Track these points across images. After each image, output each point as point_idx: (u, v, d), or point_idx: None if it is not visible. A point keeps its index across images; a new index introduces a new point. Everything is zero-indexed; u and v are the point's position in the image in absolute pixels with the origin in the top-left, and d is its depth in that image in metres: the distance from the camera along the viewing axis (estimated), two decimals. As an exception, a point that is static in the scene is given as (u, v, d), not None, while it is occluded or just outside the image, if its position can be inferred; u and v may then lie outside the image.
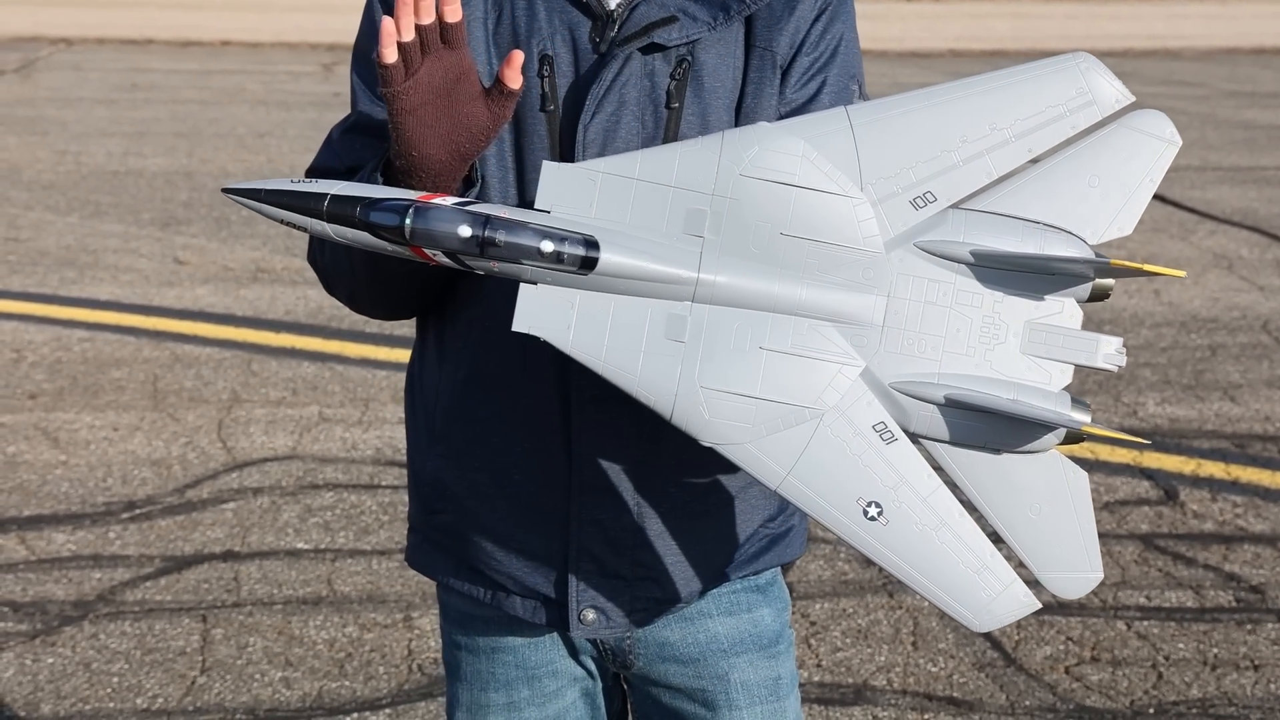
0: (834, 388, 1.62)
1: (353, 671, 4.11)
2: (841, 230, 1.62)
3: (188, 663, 4.13)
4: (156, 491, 5.28)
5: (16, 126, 12.50)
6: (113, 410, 6.06)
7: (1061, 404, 1.64)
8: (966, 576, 1.62)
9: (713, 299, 1.62)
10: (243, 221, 9.27)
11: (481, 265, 1.61)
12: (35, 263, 8.26)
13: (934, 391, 1.63)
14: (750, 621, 2.09)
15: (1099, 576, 1.70)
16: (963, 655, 4.25)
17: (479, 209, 1.60)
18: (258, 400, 6.21)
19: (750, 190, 1.61)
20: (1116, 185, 1.67)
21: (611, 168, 1.63)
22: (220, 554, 4.79)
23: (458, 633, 2.13)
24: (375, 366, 6.67)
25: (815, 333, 1.63)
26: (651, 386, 1.61)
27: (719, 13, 1.85)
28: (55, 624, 4.33)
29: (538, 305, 1.61)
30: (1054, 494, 1.69)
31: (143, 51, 17.86)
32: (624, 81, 1.84)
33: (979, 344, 1.65)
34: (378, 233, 1.61)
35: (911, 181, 1.64)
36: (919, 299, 1.64)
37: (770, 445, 1.62)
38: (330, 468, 5.51)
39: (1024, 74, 1.67)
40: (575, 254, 1.58)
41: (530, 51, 1.86)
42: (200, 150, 11.69)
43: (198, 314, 7.38)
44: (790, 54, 1.90)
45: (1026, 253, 1.62)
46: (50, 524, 5.00)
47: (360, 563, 4.76)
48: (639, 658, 2.07)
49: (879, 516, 1.61)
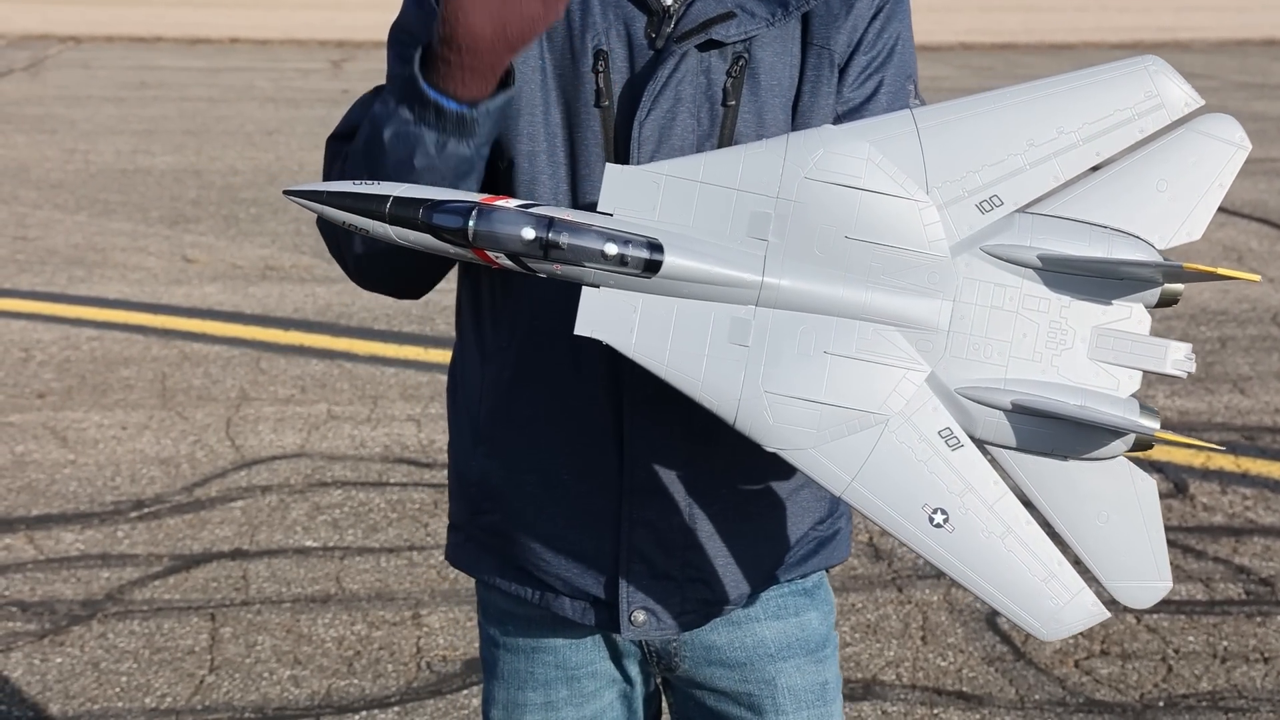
0: (899, 393, 1.60)
1: (361, 669, 4.11)
2: (907, 234, 1.61)
3: (196, 661, 4.14)
4: (165, 490, 5.29)
5: (25, 125, 12.51)
6: (121, 409, 6.07)
7: (1130, 410, 1.61)
8: (1034, 584, 1.60)
9: (777, 303, 1.60)
10: (251, 219, 9.28)
11: (544, 268, 1.59)
12: (44, 261, 8.27)
13: (1000, 397, 1.61)
14: (798, 625, 2.08)
15: (1168, 585, 1.66)
16: (972, 650, 4.25)
17: (542, 211, 1.59)
18: (266, 398, 6.21)
19: (815, 193, 1.60)
20: (1185, 190, 1.64)
21: (675, 170, 1.61)
22: (229, 552, 4.80)
23: (497, 631, 2.12)
24: (384, 364, 6.67)
25: (880, 337, 1.61)
26: (715, 391, 1.60)
27: (777, 8, 1.83)
28: (64, 623, 4.34)
29: (601, 309, 1.59)
30: (1122, 501, 1.66)
31: (151, 49, 17.87)
32: (680, 78, 1.82)
33: (1046, 349, 1.63)
34: (440, 235, 1.59)
35: (977, 185, 1.62)
36: (985, 303, 1.62)
37: (835, 451, 1.60)
38: (339, 465, 5.52)
39: (1091, 77, 1.65)
40: (639, 257, 1.56)
41: (585, 47, 1.84)
42: (209, 148, 11.69)
43: (206, 312, 7.39)
44: (847, 52, 1.87)
45: (1094, 256, 1.60)
46: (59, 523, 5.01)
47: (369, 560, 4.76)
48: (684, 660, 2.06)
49: (945, 523, 1.59)
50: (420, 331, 7.11)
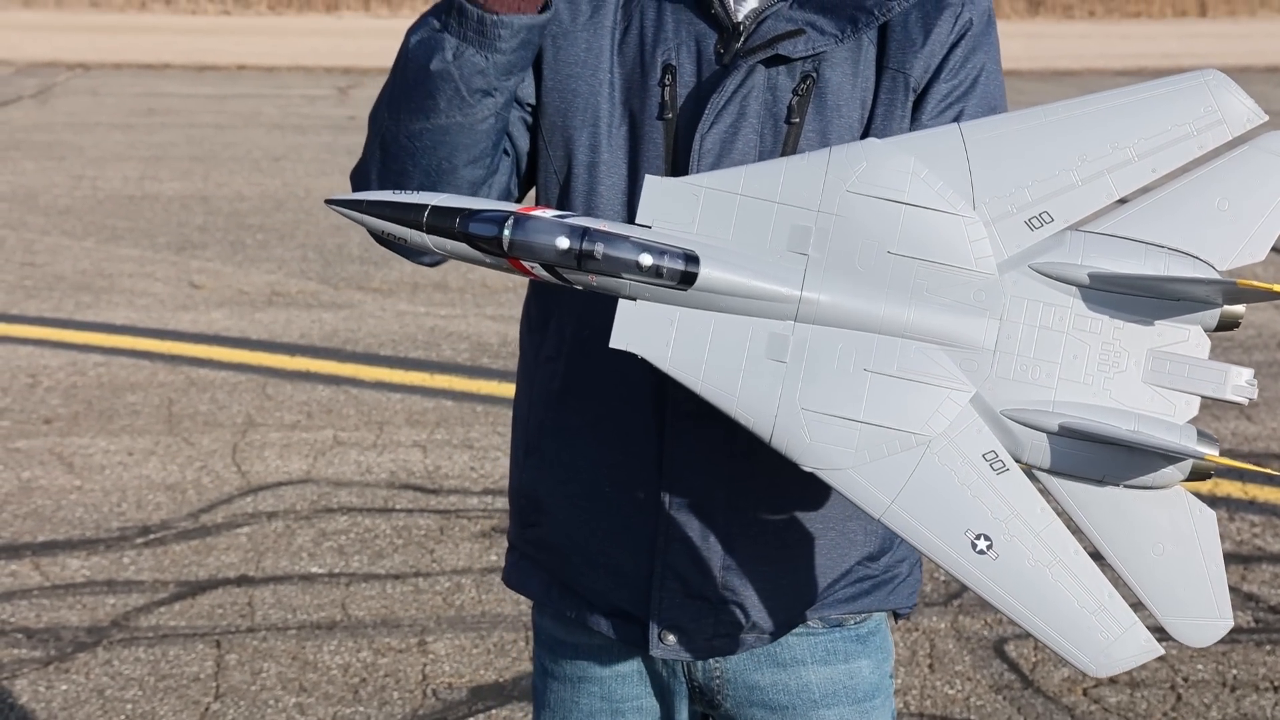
0: (942, 413, 1.56)
1: (367, 697, 4.09)
2: (952, 250, 1.57)
3: (201, 689, 4.11)
4: (171, 516, 5.27)
5: (34, 151, 12.56)
6: (128, 435, 6.06)
7: (1187, 437, 1.55)
8: (1083, 617, 1.53)
9: (816, 318, 1.57)
10: (257, 245, 9.30)
11: (579, 279, 1.58)
12: (51, 287, 8.29)
13: (1049, 420, 1.56)
14: (846, 673, 2.03)
15: (1229, 624, 1.59)
16: (980, 678, 4.22)
17: (578, 221, 1.58)
18: (272, 424, 6.20)
19: (857, 207, 1.57)
20: (1248, 209, 1.57)
21: (715, 182, 1.59)
22: (234, 579, 4.78)
23: (547, 659, 2.12)
24: (390, 390, 6.67)
25: (923, 356, 1.57)
26: (751, 407, 1.57)
27: (846, 25, 1.81)
28: (69, 650, 4.32)
29: (636, 322, 1.57)
30: (1179, 533, 1.59)
31: (159, 76, 17.95)
32: (745, 93, 1.81)
33: (1097, 371, 1.57)
34: (476, 244, 1.59)
35: (1027, 201, 1.57)
36: (1034, 323, 1.58)
37: (874, 472, 1.56)
38: (344, 491, 5.51)
39: (1149, 91, 1.60)
40: (675, 268, 1.55)
41: (654, 61, 1.85)
42: (216, 174, 11.73)
43: (213, 338, 7.39)
44: (925, 78, 1.85)
45: (1147, 274, 1.55)
46: (65, 549, 5.00)
47: (374, 587, 4.74)
48: (727, 699, 2.04)
49: (988, 550, 1.53)
50: (426, 357, 7.11)
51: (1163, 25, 27.38)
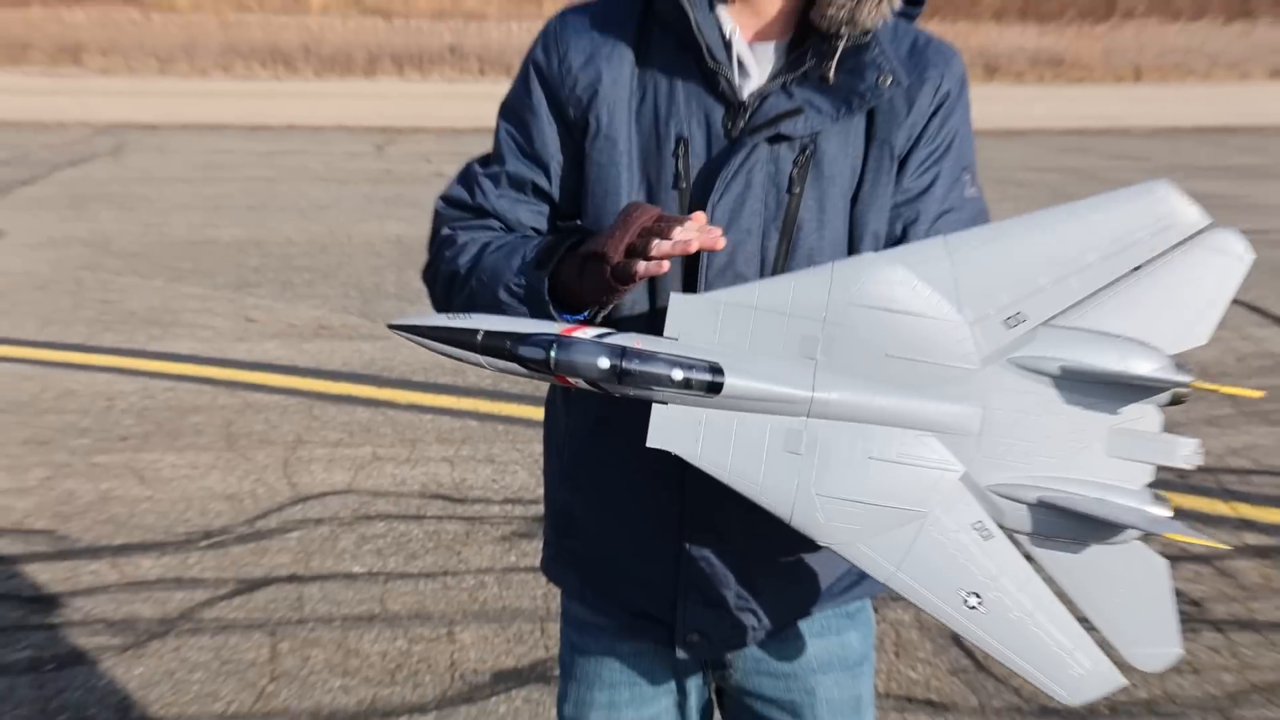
0: (937, 491, 1.60)
1: (403, 680, 4.11)
2: (941, 349, 1.60)
3: (258, 673, 4.14)
4: (230, 522, 5.30)
5: (110, 202, 12.56)
6: (192, 451, 6.09)
7: (1143, 501, 1.60)
8: (1059, 657, 1.59)
9: (826, 414, 1.60)
10: (305, 284, 9.31)
11: (618, 390, 1.60)
12: (125, 322, 8.31)
13: (1027, 493, 1.60)
14: (839, 644, 2.08)
15: (1179, 652, 1.66)
16: (939, 663, 4.25)
17: (615, 340, 1.59)
18: (318, 441, 6.22)
19: (858, 317, 1.59)
20: (1192, 299, 1.60)
21: (732, 298, 1.61)
22: (286, 577, 4.81)
23: (575, 636, 2.13)
24: (421, 411, 6.68)
25: (919, 442, 1.60)
26: (772, 494, 1.60)
27: (842, 105, 1.80)
28: (143, 639, 4.35)
29: (669, 423, 1.60)
30: (1135, 579, 1.64)
31: (219, 135, 17.96)
32: (750, 166, 1.79)
33: (1067, 448, 1.61)
34: (525, 364, 1.61)
35: (1004, 303, 1.60)
36: (1012, 409, 1.61)
37: (879, 544, 1.60)
38: (382, 501, 5.52)
39: (1108, 202, 1.62)
40: (702, 380, 1.57)
41: (668, 132, 1.82)
42: (269, 221, 11.73)
43: (266, 366, 7.41)
44: (907, 146, 1.85)
45: (1111, 370, 1.58)
46: (138, 551, 5.02)
47: (409, 584, 4.77)
48: (736, 670, 2.08)
49: (979, 605, 1.59)
50: (453, 383, 7.12)
51: (1105, 89, 27.35)
